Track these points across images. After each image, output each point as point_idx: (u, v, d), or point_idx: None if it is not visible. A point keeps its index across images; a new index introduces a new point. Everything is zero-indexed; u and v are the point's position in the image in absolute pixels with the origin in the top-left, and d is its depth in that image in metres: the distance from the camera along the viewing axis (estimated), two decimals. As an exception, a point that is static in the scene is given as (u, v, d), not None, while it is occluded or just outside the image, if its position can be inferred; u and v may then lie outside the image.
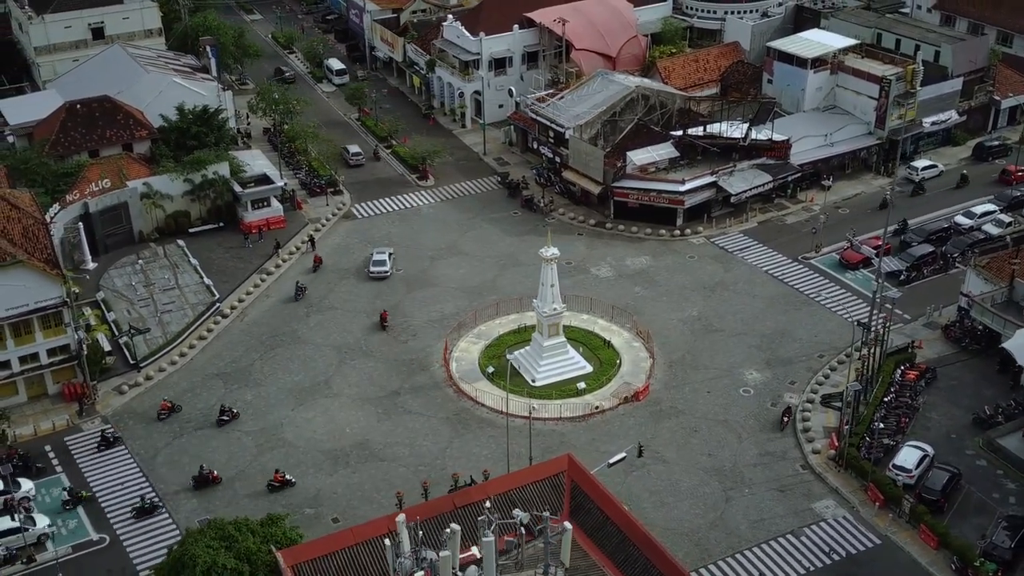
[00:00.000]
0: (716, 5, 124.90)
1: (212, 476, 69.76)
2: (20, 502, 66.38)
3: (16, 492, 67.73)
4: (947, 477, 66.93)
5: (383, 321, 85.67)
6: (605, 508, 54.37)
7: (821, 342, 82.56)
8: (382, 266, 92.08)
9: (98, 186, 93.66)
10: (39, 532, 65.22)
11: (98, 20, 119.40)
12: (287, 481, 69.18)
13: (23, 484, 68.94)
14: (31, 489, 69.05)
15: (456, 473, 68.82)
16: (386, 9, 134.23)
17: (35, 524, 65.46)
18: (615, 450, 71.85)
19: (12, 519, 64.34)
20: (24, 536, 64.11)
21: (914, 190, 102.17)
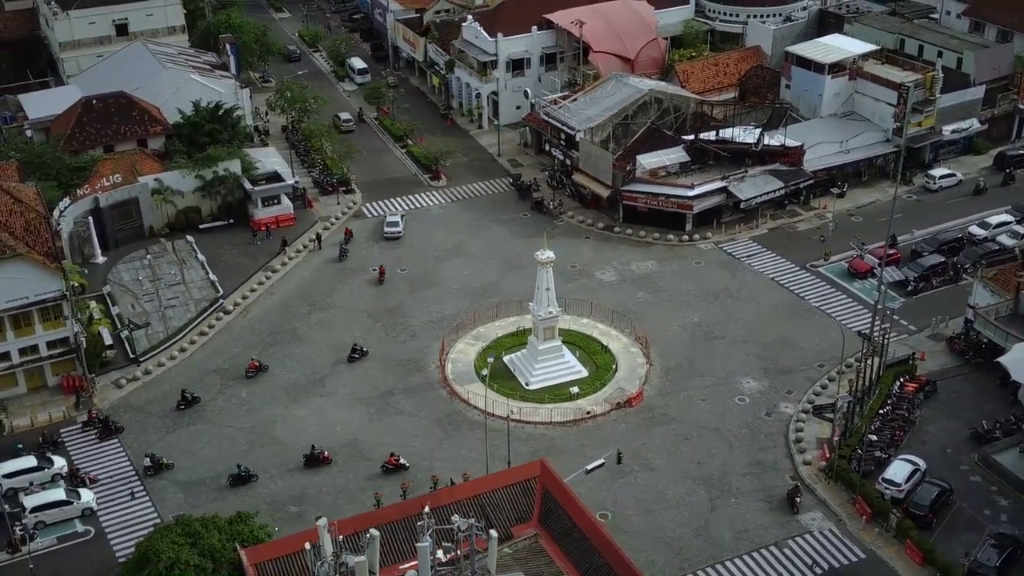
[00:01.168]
0: (738, 8, 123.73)
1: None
2: (75, 474, 69.23)
3: (49, 470, 69.67)
4: (936, 492, 65.79)
5: (381, 276, 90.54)
6: (574, 515, 54.12)
7: (823, 352, 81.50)
8: (395, 227, 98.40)
9: (109, 181, 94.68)
10: (84, 506, 67.03)
11: (122, 17, 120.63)
12: (401, 464, 70.19)
13: (55, 461, 70.73)
14: (63, 466, 70.68)
15: (435, 475, 68.78)
16: (409, 9, 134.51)
17: (80, 498, 67.25)
18: (604, 455, 71.70)
19: (63, 493, 67.00)
20: (69, 509, 66.38)
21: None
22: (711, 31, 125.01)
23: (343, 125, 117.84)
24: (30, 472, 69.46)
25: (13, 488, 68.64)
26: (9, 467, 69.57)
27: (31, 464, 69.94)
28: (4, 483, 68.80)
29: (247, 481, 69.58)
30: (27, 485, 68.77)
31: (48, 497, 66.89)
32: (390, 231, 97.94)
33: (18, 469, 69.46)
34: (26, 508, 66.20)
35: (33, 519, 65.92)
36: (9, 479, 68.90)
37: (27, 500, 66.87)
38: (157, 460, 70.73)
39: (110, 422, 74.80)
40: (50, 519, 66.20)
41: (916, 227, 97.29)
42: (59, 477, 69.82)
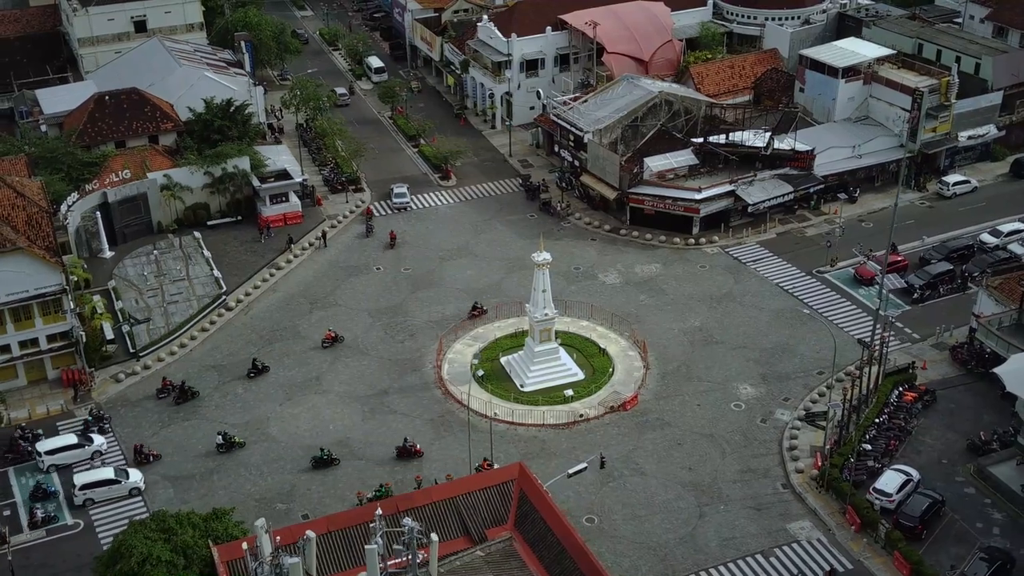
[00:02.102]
0: (756, 11, 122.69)
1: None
2: (140, 450, 71.58)
3: (89, 447, 71.78)
4: (927, 504, 64.90)
5: (392, 240, 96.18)
6: (548, 520, 53.81)
7: (823, 359, 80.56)
8: (403, 197, 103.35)
9: (118, 176, 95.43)
10: (131, 485, 68.78)
11: (140, 13, 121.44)
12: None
13: (95, 439, 72.60)
14: (103, 443, 72.69)
15: (418, 476, 68.74)
16: (428, 8, 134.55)
17: (128, 477, 68.99)
18: (595, 458, 71.48)
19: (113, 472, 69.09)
20: (117, 488, 68.32)
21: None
22: (729, 33, 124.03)
23: (339, 99, 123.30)
24: (71, 449, 71.62)
25: (55, 464, 70.95)
26: (51, 444, 71.80)
27: (72, 442, 72.07)
28: (47, 460, 71.07)
29: (329, 464, 70.78)
30: (70, 462, 71.09)
31: (98, 475, 68.93)
32: (399, 201, 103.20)
33: (60, 446, 71.67)
34: (76, 485, 68.19)
35: (82, 496, 68.00)
36: (51, 456, 71.19)
37: (77, 477, 68.90)
38: (229, 438, 72.55)
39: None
40: (98, 497, 68.22)
41: (927, 234, 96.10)
42: (98, 455, 71.96)
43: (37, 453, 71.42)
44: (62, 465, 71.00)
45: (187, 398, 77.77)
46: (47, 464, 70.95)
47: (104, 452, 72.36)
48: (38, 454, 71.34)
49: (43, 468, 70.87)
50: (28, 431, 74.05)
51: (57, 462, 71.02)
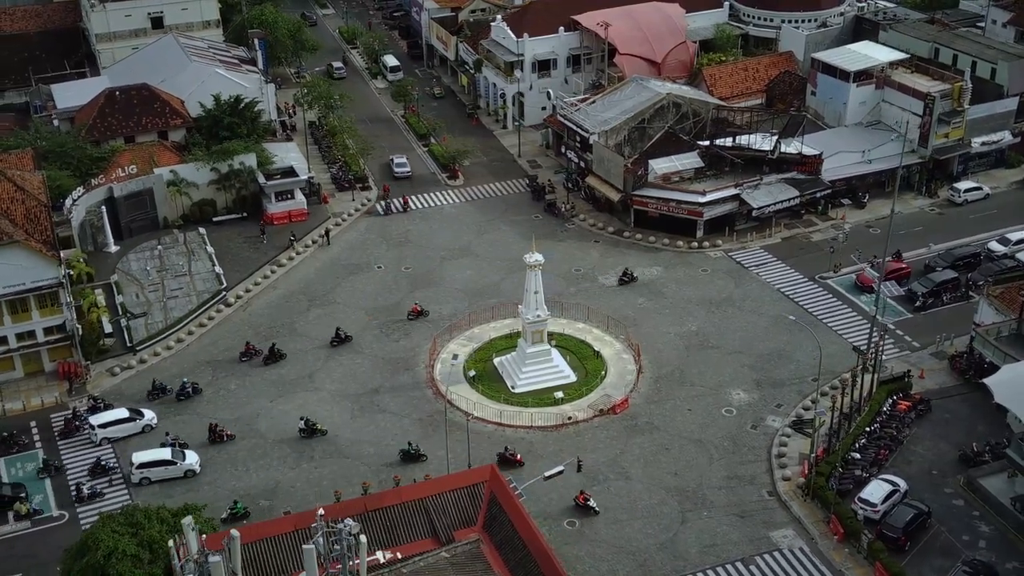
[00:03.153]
0: (772, 13, 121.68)
1: None
2: (177, 439, 72.72)
3: (140, 421, 73.87)
4: (912, 515, 63.96)
5: (405, 205, 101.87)
6: (516, 523, 53.63)
7: (818, 365, 79.62)
8: (404, 167, 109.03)
9: (124, 171, 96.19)
10: (186, 467, 69.99)
11: (157, 10, 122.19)
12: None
13: (146, 413, 74.77)
14: (153, 418, 74.80)
15: (396, 476, 68.66)
16: (445, 7, 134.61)
17: (184, 459, 70.12)
18: (582, 461, 71.13)
19: (170, 453, 70.53)
20: (173, 468, 69.73)
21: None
22: (745, 36, 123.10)
23: (335, 72, 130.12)
24: (123, 423, 73.79)
25: (108, 438, 73.02)
26: (104, 418, 73.93)
27: (123, 415, 74.14)
28: (100, 433, 73.17)
29: (416, 459, 71.09)
30: (121, 435, 73.28)
31: (155, 455, 70.18)
32: (400, 171, 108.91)
33: (112, 420, 73.84)
34: (133, 463, 69.68)
35: (139, 475, 69.42)
36: (104, 429, 73.34)
37: (135, 456, 70.21)
38: (312, 424, 73.69)
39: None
40: (155, 476, 69.59)
41: (935, 241, 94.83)
42: (149, 428, 74.18)
43: (89, 426, 73.65)
44: (114, 438, 73.15)
45: (276, 359, 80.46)
46: (99, 437, 73.17)
47: (155, 426, 74.41)
48: (90, 427, 73.60)
49: (96, 441, 73.10)
50: (91, 402, 76.59)
51: (109, 435, 73.30)
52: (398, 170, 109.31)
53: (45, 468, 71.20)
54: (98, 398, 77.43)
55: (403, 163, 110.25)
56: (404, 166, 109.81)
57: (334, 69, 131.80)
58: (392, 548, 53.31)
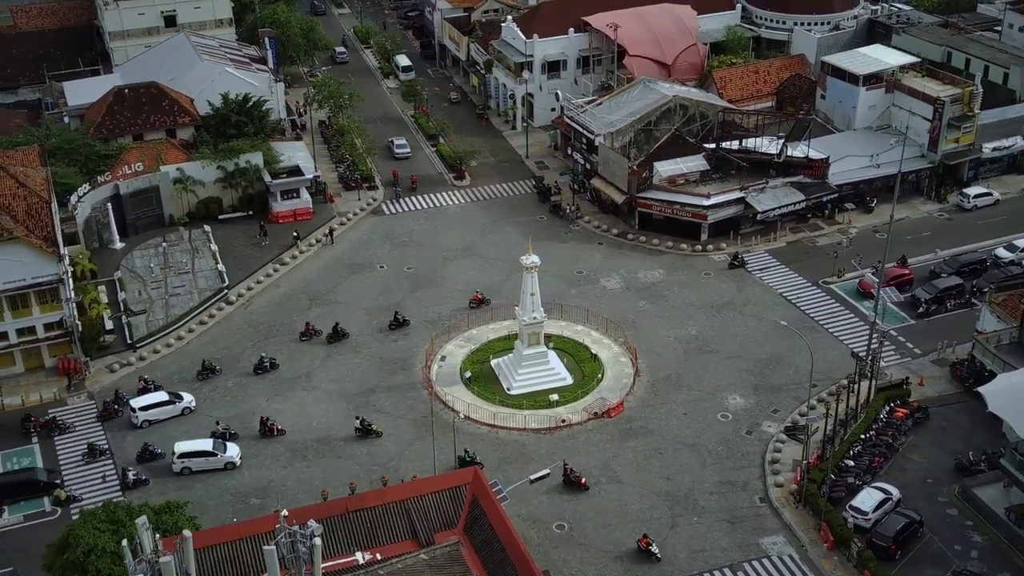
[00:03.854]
0: (785, 16, 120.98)
1: None
2: (224, 431, 73.41)
3: (179, 404, 75.68)
4: (903, 524, 63.38)
5: (414, 184, 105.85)
6: (496, 526, 53.42)
7: (817, 371, 78.53)
8: (404, 148, 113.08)
9: (131, 169, 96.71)
10: (227, 459, 70.71)
11: (170, 8, 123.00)
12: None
13: (184, 396, 76.40)
14: (192, 401, 76.40)
15: (384, 476, 68.63)
16: (457, 8, 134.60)
17: (225, 451, 70.89)
18: (573, 465, 71.05)
19: (212, 444, 71.24)
20: (213, 460, 70.53)
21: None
22: (757, 38, 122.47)
23: (337, 57, 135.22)
24: (162, 406, 75.44)
25: (148, 420, 74.53)
26: (144, 400, 75.52)
27: (163, 399, 75.77)
28: (140, 415, 74.72)
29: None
30: (161, 418, 74.98)
31: (196, 446, 70.78)
32: (400, 152, 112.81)
33: (152, 403, 75.48)
34: (175, 452, 70.44)
35: (180, 464, 70.17)
36: (145, 411, 74.88)
37: (177, 446, 71.01)
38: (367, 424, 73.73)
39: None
40: (195, 467, 70.37)
41: (943, 246, 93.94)
42: (188, 411, 75.81)
43: (131, 409, 75.10)
44: (154, 420, 74.68)
45: (339, 338, 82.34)
46: (140, 419, 74.65)
47: (193, 409, 75.92)
48: (132, 409, 75.06)
49: (136, 423, 74.55)
50: (142, 383, 78.24)
51: (149, 417, 74.85)
52: (398, 151, 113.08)
53: (90, 452, 72.15)
54: (148, 379, 78.74)
55: (403, 144, 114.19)
56: (404, 147, 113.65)
57: (337, 54, 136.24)
58: (372, 549, 53.16)
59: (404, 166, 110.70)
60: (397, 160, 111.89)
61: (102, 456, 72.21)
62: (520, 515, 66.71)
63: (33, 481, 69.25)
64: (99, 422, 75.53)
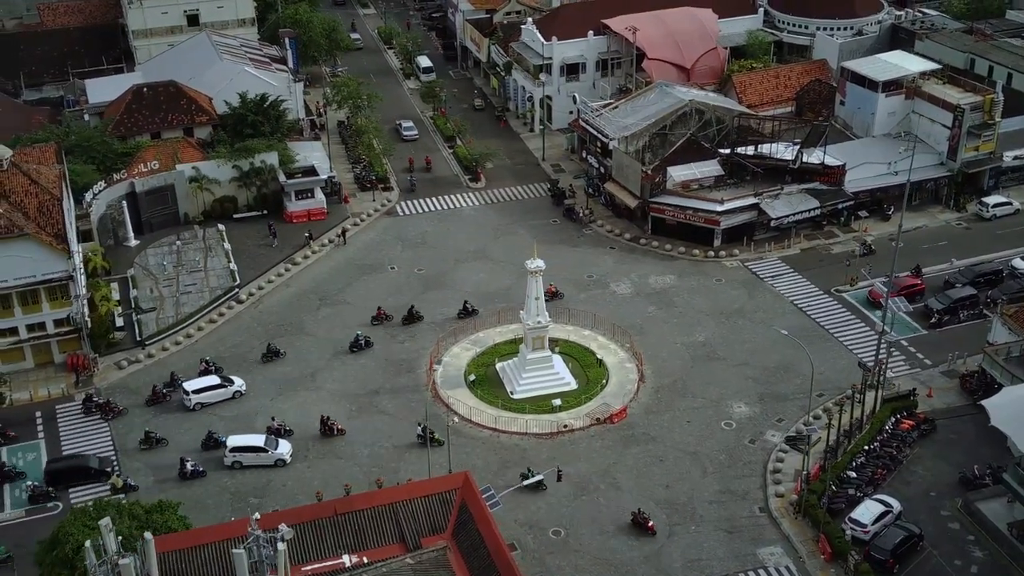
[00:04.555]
0: (807, 20, 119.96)
1: None
2: (279, 427, 73.74)
3: (231, 387, 77.19)
4: (902, 537, 62.63)
5: (428, 165, 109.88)
6: (483, 532, 53.30)
7: (825, 380, 78.45)
8: (411, 130, 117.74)
9: (147, 167, 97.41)
10: (277, 456, 71.05)
11: (193, 7, 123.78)
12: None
13: (236, 381, 77.95)
14: (242, 385, 77.94)
15: (380, 479, 68.61)
16: (479, 9, 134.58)
17: (276, 447, 71.25)
18: (573, 471, 70.81)
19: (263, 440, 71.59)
20: (264, 456, 70.94)
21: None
22: (779, 43, 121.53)
23: (353, 43, 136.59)
24: (214, 389, 77.01)
25: (201, 403, 76.10)
26: (196, 384, 77.08)
27: (215, 382, 77.36)
28: (193, 398, 76.28)
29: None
30: (213, 401, 76.59)
31: (248, 441, 71.25)
32: (408, 134, 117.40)
33: (204, 386, 77.03)
34: (228, 447, 71.06)
35: (231, 458, 70.72)
36: (197, 395, 76.41)
37: (229, 440, 71.55)
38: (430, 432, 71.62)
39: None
40: (246, 461, 70.82)
41: (960, 256, 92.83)
42: (238, 395, 77.17)
43: (184, 392, 76.55)
44: (207, 403, 76.26)
45: (413, 320, 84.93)
46: (193, 402, 76.14)
47: (244, 392, 77.36)
48: (185, 392, 76.54)
49: (190, 406, 76.09)
50: (204, 364, 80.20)
51: (203, 400, 76.38)
52: (406, 133, 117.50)
53: (147, 439, 73.05)
54: (210, 360, 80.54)
55: (410, 126, 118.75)
56: (411, 129, 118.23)
57: (351, 40, 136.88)
58: (360, 552, 53.25)
59: (413, 149, 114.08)
60: (405, 142, 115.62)
61: (159, 444, 73.21)
62: (517, 520, 66.72)
63: (84, 468, 70.31)
64: (148, 406, 77.19)
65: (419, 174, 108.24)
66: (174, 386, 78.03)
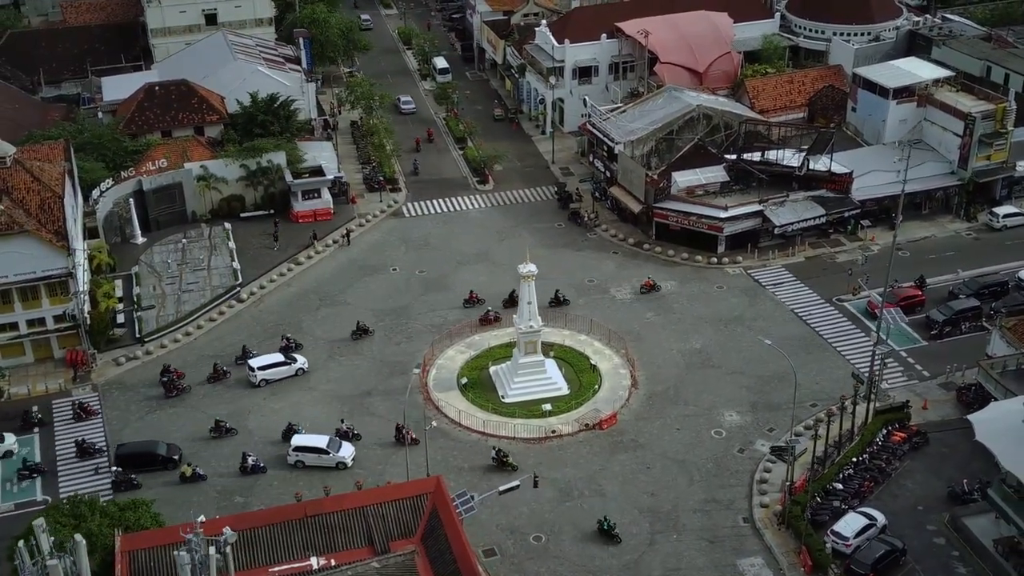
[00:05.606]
0: (824, 25, 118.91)
1: None
2: (348, 430, 74.09)
3: (294, 365, 79.79)
4: (884, 551, 61.94)
5: (429, 136, 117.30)
6: (450, 536, 53.40)
7: (820, 390, 77.83)
8: (410, 104, 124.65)
9: (155, 165, 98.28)
10: (338, 459, 71.15)
11: (211, 7, 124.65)
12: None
13: (298, 359, 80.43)
14: (305, 362, 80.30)
15: (359, 480, 68.75)
16: (497, 11, 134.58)
17: (339, 450, 71.58)
18: (558, 476, 70.77)
19: (326, 442, 71.79)
20: (326, 458, 71.24)
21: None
22: (795, 47, 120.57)
23: (362, 23, 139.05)
24: (279, 366, 79.53)
25: (266, 380, 78.49)
26: (261, 361, 79.60)
27: (279, 359, 79.85)
28: (259, 374, 78.71)
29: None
30: (278, 378, 78.96)
31: (311, 441, 71.62)
32: (406, 108, 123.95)
33: (269, 363, 79.54)
34: (291, 445, 71.73)
35: (294, 457, 71.26)
36: (263, 371, 78.84)
37: (295, 439, 72.11)
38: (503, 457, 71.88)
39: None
40: (309, 462, 71.11)
41: (967, 267, 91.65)
42: (301, 372, 79.44)
43: (249, 368, 79.00)
44: (272, 380, 78.70)
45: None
46: (259, 379, 78.63)
47: (306, 370, 79.77)
48: (250, 369, 79.02)
49: (255, 382, 78.57)
50: (285, 341, 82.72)
51: (268, 376, 78.81)
52: (404, 107, 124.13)
53: (216, 428, 74.16)
54: (290, 338, 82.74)
55: (408, 100, 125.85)
56: (410, 103, 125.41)
57: (361, 21, 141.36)
58: (328, 555, 53.53)
59: (411, 123, 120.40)
60: (403, 115, 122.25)
61: (228, 434, 74.38)
62: (499, 525, 66.74)
63: (152, 454, 71.42)
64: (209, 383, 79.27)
65: (423, 156, 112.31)
66: (245, 356, 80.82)
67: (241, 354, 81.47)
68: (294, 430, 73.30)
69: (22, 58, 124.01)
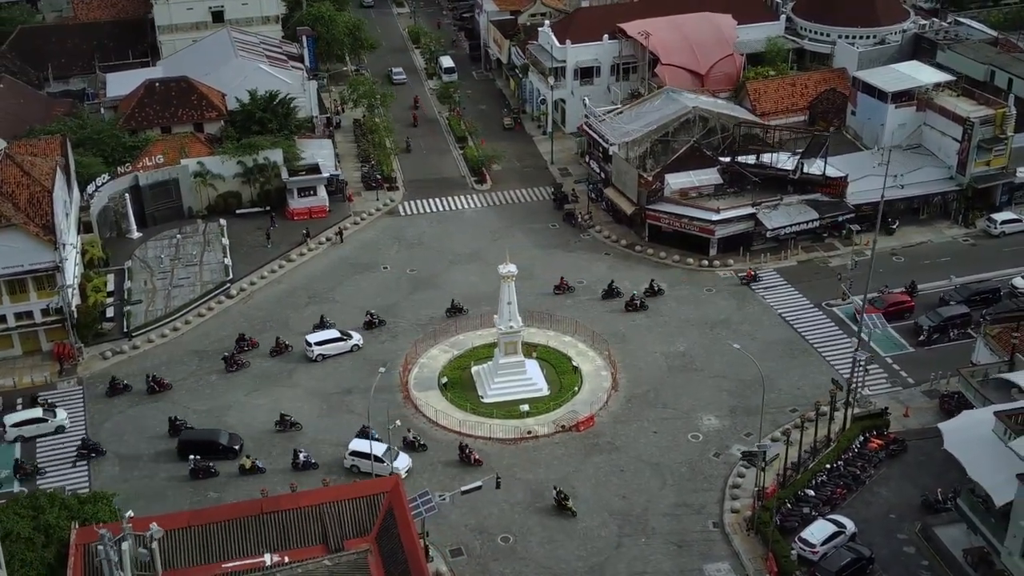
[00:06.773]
0: (829, 28, 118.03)
1: None
2: (415, 439, 73.35)
3: (349, 341, 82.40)
4: (850, 559, 61.43)
5: (416, 103, 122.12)
6: (403, 536, 53.45)
7: (801, 395, 77.27)
8: (401, 75, 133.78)
9: (152, 161, 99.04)
10: (392, 470, 69.14)
11: (218, 4, 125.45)
12: None
13: (353, 335, 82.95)
14: (359, 339, 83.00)
15: (325, 479, 68.93)
16: (504, 11, 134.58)
17: (395, 460, 70.43)
18: (531, 477, 70.77)
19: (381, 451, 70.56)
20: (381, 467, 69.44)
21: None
22: (799, 50, 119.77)
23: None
24: (335, 342, 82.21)
25: (323, 355, 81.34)
26: (319, 336, 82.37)
27: (335, 335, 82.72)
28: (316, 349, 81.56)
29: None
30: (334, 354, 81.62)
31: (367, 447, 69.22)
32: (398, 78, 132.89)
33: (327, 339, 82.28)
34: (348, 448, 71.63)
35: (350, 461, 71.11)
36: (320, 346, 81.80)
37: (352, 443, 71.84)
38: None
39: None
40: (363, 467, 69.69)
41: (958, 273, 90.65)
42: (356, 348, 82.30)
43: (307, 343, 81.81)
44: (328, 355, 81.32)
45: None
46: (315, 353, 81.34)
47: (361, 346, 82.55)
48: (308, 344, 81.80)
49: (312, 357, 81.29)
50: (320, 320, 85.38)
51: (324, 352, 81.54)
52: (396, 77, 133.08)
53: (281, 422, 74.81)
54: (374, 313, 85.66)
55: (400, 71, 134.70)
56: (401, 74, 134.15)
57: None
58: (282, 552, 53.70)
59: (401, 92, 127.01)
60: (395, 85, 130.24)
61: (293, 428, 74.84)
62: (467, 525, 66.79)
63: (214, 443, 72.25)
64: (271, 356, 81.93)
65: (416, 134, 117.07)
66: (322, 325, 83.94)
67: (319, 322, 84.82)
68: (367, 432, 70.87)
69: (32, 53, 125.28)
